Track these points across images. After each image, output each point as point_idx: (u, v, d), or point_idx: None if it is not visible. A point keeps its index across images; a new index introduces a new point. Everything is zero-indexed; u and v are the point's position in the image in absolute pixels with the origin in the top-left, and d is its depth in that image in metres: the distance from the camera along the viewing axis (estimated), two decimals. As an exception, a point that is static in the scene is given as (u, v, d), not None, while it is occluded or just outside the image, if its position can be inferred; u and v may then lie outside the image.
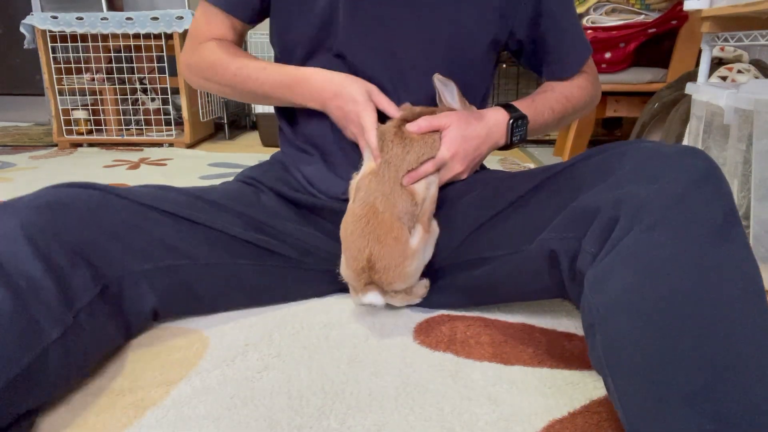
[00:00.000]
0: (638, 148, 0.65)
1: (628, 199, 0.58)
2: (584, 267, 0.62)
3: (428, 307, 0.89)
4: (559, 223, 0.68)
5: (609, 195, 0.61)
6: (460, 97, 0.85)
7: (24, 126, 3.14)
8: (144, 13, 2.36)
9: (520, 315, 0.87)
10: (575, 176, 0.71)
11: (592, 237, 0.62)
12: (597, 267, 0.58)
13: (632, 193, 0.58)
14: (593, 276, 0.58)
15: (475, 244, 0.80)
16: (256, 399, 0.66)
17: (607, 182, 0.63)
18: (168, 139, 2.58)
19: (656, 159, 0.61)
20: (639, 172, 0.61)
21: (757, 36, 1.17)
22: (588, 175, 0.68)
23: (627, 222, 0.57)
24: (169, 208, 0.79)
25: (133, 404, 0.65)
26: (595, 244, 0.61)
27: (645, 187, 0.58)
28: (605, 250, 0.58)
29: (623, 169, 0.63)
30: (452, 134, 0.82)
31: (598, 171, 0.67)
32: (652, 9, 1.73)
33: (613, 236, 0.58)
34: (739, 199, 1.08)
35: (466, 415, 0.63)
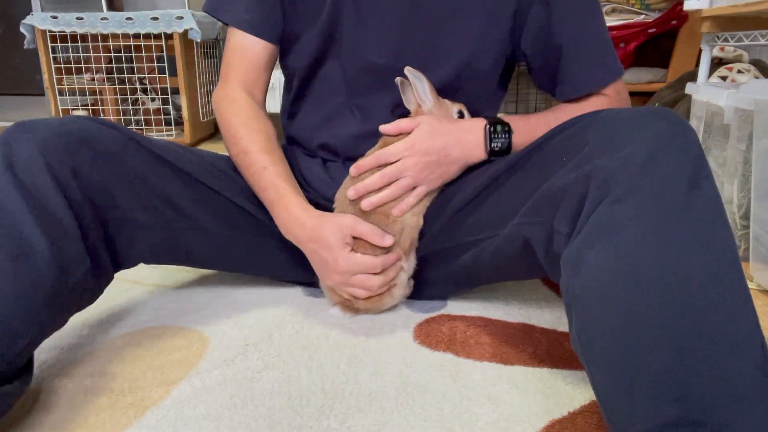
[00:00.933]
0: (600, 119, 0.64)
1: (594, 172, 0.58)
2: (560, 248, 0.61)
3: (419, 299, 0.90)
4: (529, 207, 0.67)
5: (575, 173, 0.60)
6: (433, 92, 0.83)
7: (24, 126, 3.13)
8: (144, 13, 2.36)
9: (520, 315, 0.87)
10: (544, 155, 0.70)
11: (563, 217, 0.61)
12: (571, 247, 0.58)
13: (598, 167, 0.58)
14: (568, 257, 0.58)
15: (456, 230, 0.80)
16: (256, 399, 0.66)
17: (573, 160, 0.62)
18: (168, 139, 2.58)
19: (618, 127, 0.60)
20: (603, 143, 0.60)
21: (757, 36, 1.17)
22: (556, 152, 0.67)
23: (595, 196, 0.56)
24: (184, 167, 0.80)
25: (133, 404, 0.65)
26: (568, 224, 0.60)
27: (610, 159, 0.57)
28: (578, 229, 0.58)
29: (588, 144, 0.62)
30: (419, 128, 0.80)
31: (564, 148, 0.66)
32: (652, 9, 1.73)
33: (584, 212, 0.57)
34: (739, 199, 1.08)
35: (466, 415, 0.63)
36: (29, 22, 2.39)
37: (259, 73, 0.91)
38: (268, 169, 0.82)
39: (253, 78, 0.91)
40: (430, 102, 0.84)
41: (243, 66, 0.90)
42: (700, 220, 0.52)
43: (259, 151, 0.84)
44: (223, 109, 0.89)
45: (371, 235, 0.78)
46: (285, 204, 0.80)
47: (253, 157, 0.83)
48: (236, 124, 0.87)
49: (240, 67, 0.90)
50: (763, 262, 0.98)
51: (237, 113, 0.88)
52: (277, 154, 0.85)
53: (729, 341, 0.46)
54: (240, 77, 0.90)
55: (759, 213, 0.98)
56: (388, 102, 0.89)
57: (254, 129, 0.86)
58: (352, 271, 0.78)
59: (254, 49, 0.89)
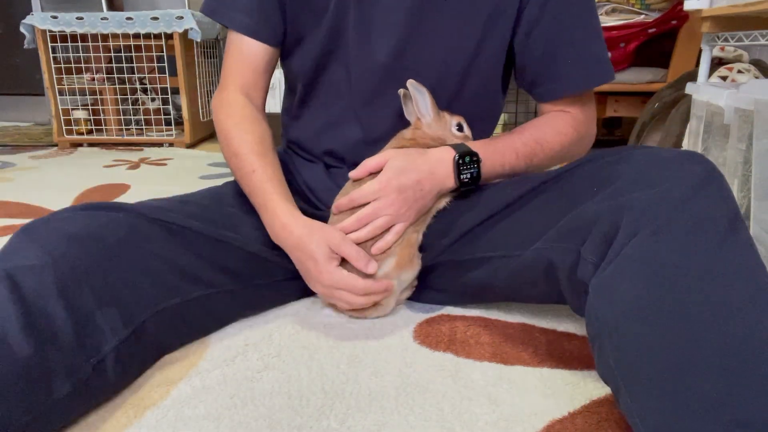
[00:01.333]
0: (635, 155, 0.64)
1: (629, 205, 0.57)
2: (585, 276, 0.61)
3: (420, 302, 0.90)
4: (556, 232, 0.67)
5: (608, 203, 0.60)
6: (433, 106, 0.84)
7: (24, 126, 3.13)
8: (144, 13, 2.36)
9: (520, 315, 0.87)
10: (571, 182, 0.70)
11: (592, 245, 0.61)
12: (602, 275, 0.57)
13: (633, 199, 0.58)
14: (599, 284, 0.57)
15: (470, 245, 0.80)
16: (256, 399, 0.66)
17: (605, 190, 0.62)
18: (168, 139, 2.58)
19: (655, 165, 0.61)
20: (638, 178, 0.60)
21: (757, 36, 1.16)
22: (584, 181, 0.68)
23: (630, 228, 0.56)
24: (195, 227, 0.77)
25: (133, 404, 0.65)
26: (596, 253, 0.60)
27: (646, 193, 0.57)
28: (608, 258, 0.58)
29: (621, 177, 0.62)
30: (389, 165, 0.79)
31: (593, 178, 0.66)
32: (652, 9, 1.73)
33: (616, 243, 0.57)
34: (739, 199, 1.08)
35: (466, 415, 0.63)
36: (29, 22, 2.39)
37: (257, 76, 0.90)
38: (256, 173, 0.81)
39: (251, 81, 0.90)
40: (430, 116, 0.84)
41: (241, 69, 0.89)
42: (740, 258, 0.52)
43: (250, 153, 0.83)
44: (218, 112, 0.89)
45: (356, 259, 0.77)
46: (272, 209, 0.79)
47: (243, 160, 0.83)
48: (228, 125, 0.86)
49: (238, 71, 0.89)
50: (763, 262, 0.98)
51: (230, 115, 0.87)
52: (268, 156, 0.84)
53: None
54: (238, 80, 0.89)
55: (759, 213, 0.98)
56: (394, 107, 0.88)
57: (246, 130, 0.85)
58: (335, 286, 0.77)
59: (253, 52, 0.88)
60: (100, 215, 0.71)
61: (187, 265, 0.75)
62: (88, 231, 0.68)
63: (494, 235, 0.77)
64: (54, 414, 0.57)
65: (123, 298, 0.66)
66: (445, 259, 0.83)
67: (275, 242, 0.81)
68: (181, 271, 0.74)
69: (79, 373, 0.59)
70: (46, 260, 0.62)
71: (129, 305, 0.67)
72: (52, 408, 0.56)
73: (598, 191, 0.63)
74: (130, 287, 0.68)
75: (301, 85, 0.92)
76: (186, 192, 0.92)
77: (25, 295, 0.58)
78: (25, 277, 0.59)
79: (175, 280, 0.73)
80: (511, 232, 0.75)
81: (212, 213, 0.82)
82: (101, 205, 0.73)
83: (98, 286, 0.64)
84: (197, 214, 0.80)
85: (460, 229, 0.81)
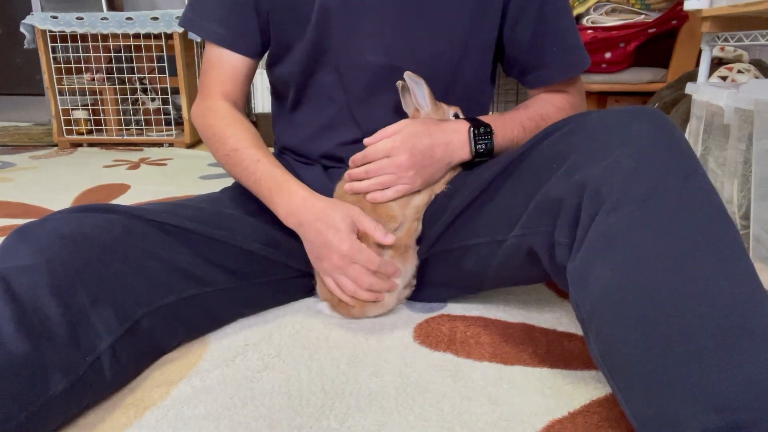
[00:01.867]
0: (584, 123, 0.65)
1: (584, 182, 0.58)
2: (563, 259, 0.62)
3: (422, 301, 0.90)
4: (530, 217, 0.68)
5: (567, 182, 0.61)
6: (431, 97, 0.84)
7: (24, 126, 3.13)
8: (144, 13, 2.36)
9: (520, 315, 0.87)
10: (533, 161, 0.71)
11: (562, 228, 0.62)
12: (575, 262, 0.58)
13: (587, 176, 0.58)
14: (573, 272, 0.58)
15: (456, 234, 0.81)
16: (256, 399, 0.66)
17: (562, 167, 0.63)
18: (168, 139, 2.58)
19: (603, 131, 0.61)
20: (589, 150, 0.61)
21: (757, 36, 1.16)
22: (544, 158, 0.68)
23: (589, 208, 0.57)
24: (188, 226, 0.77)
25: (133, 404, 0.65)
26: (568, 235, 0.61)
27: (598, 167, 0.58)
28: (578, 240, 0.58)
29: (575, 150, 0.63)
30: (404, 131, 0.80)
31: (552, 153, 0.67)
32: (652, 9, 1.73)
33: (580, 225, 0.58)
34: (739, 199, 1.08)
35: (466, 415, 0.63)
36: (29, 22, 2.39)
37: (237, 85, 0.91)
38: (262, 161, 0.82)
39: (232, 89, 0.91)
40: (428, 107, 0.85)
41: (221, 78, 0.90)
42: (698, 216, 0.51)
43: (251, 147, 0.84)
44: (204, 117, 0.89)
45: (374, 229, 0.78)
46: (287, 188, 0.81)
47: (244, 153, 0.84)
48: (221, 126, 0.87)
49: (218, 80, 0.90)
50: (763, 262, 0.98)
51: (221, 117, 0.88)
52: (267, 150, 0.86)
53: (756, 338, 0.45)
54: (219, 89, 0.90)
55: (759, 213, 0.98)
56: (390, 104, 0.89)
57: (241, 129, 0.87)
58: (353, 257, 0.77)
59: (231, 62, 0.90)
60: (94, 216, 0.71)
61: (182, 263, 0.75)
62: (82, 231, 0.68)
63: (476, 222, 0.78)
64: (51, 411, 0.57)
65: (117, 297, 0.66)
66: (437, 250, 0.84)
67: (287, 222, 0.81)
68: (176, 269, 0.74)
69: (75, 370, 0.59)
70: (40, 260, 0.62)
71: (124, 303, 0.67)
72: (48, 405, 0.56)
73: (558, 167, 0.64)
74: (125, 285, 0.68)
75: (291, 92, 0.92)
76: (185, 192, 0.92)
77: (19, 294, 0.58)
78: (18, 277, 0.59)
79: (170, 278, 0.73)
80: (490, 218, 0.76)
81: (209, 215, 0.82)
82: (96, 206, 0.73)
83: (92, 284, 0.64)
84: (194, 216, 0.80)
85: (444, 217, 0.82)
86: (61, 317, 0.59)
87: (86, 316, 0.62)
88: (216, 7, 0.88)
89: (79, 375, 0.59)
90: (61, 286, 0.61)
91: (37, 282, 0.60)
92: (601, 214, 0.55)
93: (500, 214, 0.74)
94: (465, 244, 0.80)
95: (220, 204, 0.88)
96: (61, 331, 0.59)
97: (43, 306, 0.59)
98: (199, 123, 0.91)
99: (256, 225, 0.85)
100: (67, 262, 0.63)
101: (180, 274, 0.74)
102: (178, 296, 0.74)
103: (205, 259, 0.77)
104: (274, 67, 0.93)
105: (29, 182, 1.84)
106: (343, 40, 0.85)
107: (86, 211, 0.72)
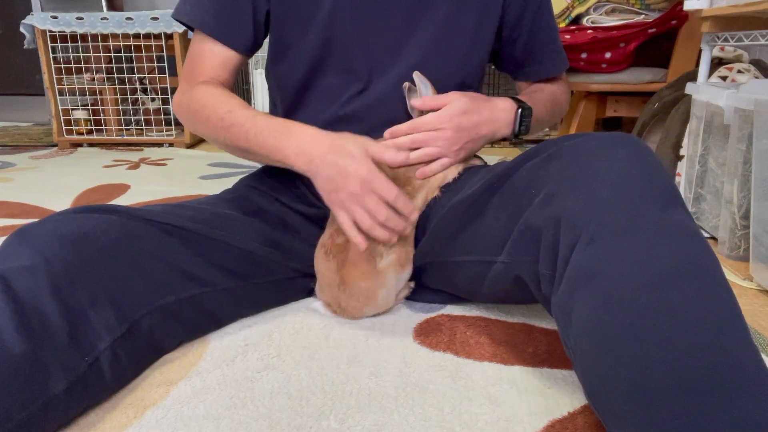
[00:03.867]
0: (562, 150, 0.65)
1: (559, 215, 0.58)
2: (547, 291, 0.61)
3: (423, 302, 0.91)
4: (514, 244, 0.67)
5: (545, 212, 0.60)
6: None
7: (24, 126, 3.13)
8: (144, 13, 2.36)
9: (520, 315, 0.87)
10: (516, 183, 0.70)
11: (544, 259, 0.61)
12: (557, 296, 0.57)
13: (565, 208, 0.57)
14: (556, 308, 0.57)
15: (446, 248, 0.81)
16: (256, 399, 0.66)
17: (540, 195, 0.63)
18: (168, 139, 2.58)
19: (579, 160, 0.61)
20: (564, 179, 0.60)
21: (757, 36, 1.16)
22: (524, 183, 0.68)
23: (567, 240, 0.56)
24: (190, 227, 0.77)
25: (133, 404, 0.65)
26: (549, 267, 0.60)
27: (575, 197, 0.57)
28: (558, 273, 0.57)
29: (552, 178, 0.62)
30: (454, 104, 0.82)
31: (531, 178, 0.67)
32: (652, 9, 1.73)
33: (560, 258, 0.57)
34: (739, 199, 1.08)
35: (466, 415, 0.63)
36: (29, 22, 2.39)
37: (225, 77, 0.90)
38: (259, 116, 0.81)
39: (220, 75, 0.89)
40: None
41: (209, 71, 0.88)
42: (677, 247, 0.50)
43: (245, 108, 0.83)
44: (188, 100, 0.87)
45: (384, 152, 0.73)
46: (294, 130, 0.78)
47: (240, 112, 0.81)
48: (208, 96, 0.85)
49: (205, 72, 0.88)
50: (763, 262, 0.98)
51: (206, 92, 0.86)
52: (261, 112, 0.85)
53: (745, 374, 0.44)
54: (206, 77, 0.88)
55: (759, 213, 0.98)
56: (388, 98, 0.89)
57: (232, 97, 0.85)
58: (372, 182, 0.72)
59: (222, 55, 0.88)
60: (93, 217, 0.71)
61: (181, 264, 0.75)
62: (82, 232, 0.68)
63: (465, 238, 0.77)
64: (51, 411, 0.57)
65: (117, 297, 0.66)
66: (431, 260, 0.84)
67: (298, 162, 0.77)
68: (175, 269, 0.74)
69: (75, 370, 0.59)
70: (39, 261, 0.62)
71: (123, 303, 0.67)
72: (48, 405, 0.56)
73: (536, 194, 0.64)
74: (124, 286, 0.68)
75: (291, 91, 0.92)
76: (185, 192, 0.92)
77: (19, 294, 0.58)
78: (17, 277, 0.59)
79: (170, 278, 0.73)
80: (478, 236, 0.75)
81: (209, 215, 0.82)
82: (95, 207, 0.73)
83: (92, 284, 0.64)
84: (193, 217, 0.80)
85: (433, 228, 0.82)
86: (61, 317, 0.59)
87: (86, 316, 0.62)
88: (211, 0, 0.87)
89: (78, 375, 0.59)
90: (60, 286, 0.61)
91: (36, 282, 0.60)
92: (579, 247, 0.54)
93: (487, 233, 0.73)
94: (457, 260, 0.79)
95: (220, 205, 0.88)
96: (60, 331, 0.59)
97: (43, 306, 0.59)
98: (185, 100, 0.88)
99: (255, 225, 0.85)
100: (66, 262, 0.63)
101: (179, 274, 0.74)
102: (178, 296, 0.73)
103: (204, 260, 0.77)
104: (276, 67, 0.92)
105: (29, 182, 1.84)
106: (349, 42, 0.85)
107: (86, 212, 0.72)
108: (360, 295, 0.82)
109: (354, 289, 0.81)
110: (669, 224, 0.52)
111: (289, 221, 0.91)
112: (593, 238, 0.53)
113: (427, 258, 0.84)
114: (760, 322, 0.87)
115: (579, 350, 0.53)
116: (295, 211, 0.93)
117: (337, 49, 0.86)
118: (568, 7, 1.78)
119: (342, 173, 0.73)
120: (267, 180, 0.96)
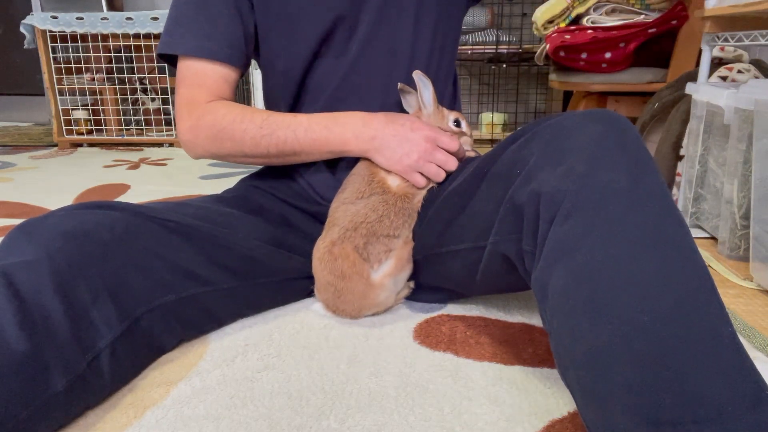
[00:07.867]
0: (543, 128, 0.65)
1: (539, 190, 0.58)
2: (531, 267, 0.62)
3: (415, 301, 0.91)
4: (500, 223, 0.68)
5: (527, 188, 0.61)
6: (435, 100, 0.86)
7: (24, 126, 3.13)
8: (144, 13, 2.36)
9: (520, 315, 0.87)
10: (502, 164, 0.71)
11: (527, 236, 0.61)
12: (536, 271, 0.58)
13: (543, 182, 0.58)
14: (535, 283, 0.57)
15: (440, 238, 0.81)
16: (256, 399, 0.66)
17: (524, 172, 0.63)
18: (168, 139, 2.58)
19: (559, 136, 0.61)
20: (545, 155, 0.61)
21: (757, 36, 1.16)
22: (509, 164, 0.68)
23: (546, 215, 0.57)
24: (192, 224, 0.77)
25: (133, 404, 0.65)
26: (531, 243, 0.61)
27: (553, 173, 0.58)
28: (538, 248, 0.58)
29: (534, 155, 0.63)
30: None
31: (515, 159, 0.67)
32: (652, 9, 1.73)
33: (540, 232, 0.58)
34: (739, 199, 1.08)
35: (466, 415, 0.63)
36: (29, 22, 2.39)
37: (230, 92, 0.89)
38: (298, 115, 0.85)
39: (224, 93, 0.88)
40: (431, 108, 0.86)
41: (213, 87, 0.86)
42: (646, 219, 0.51)
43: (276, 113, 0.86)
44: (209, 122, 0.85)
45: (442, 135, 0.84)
46: (342, 117, 0.83)
47: (277, 117, 0.85)
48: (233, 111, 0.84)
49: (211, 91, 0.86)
50: (763, 262, 0.98)
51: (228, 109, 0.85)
52: None
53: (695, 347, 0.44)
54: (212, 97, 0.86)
55: (759, 213, 0.98)
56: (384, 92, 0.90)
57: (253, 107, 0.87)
58: (437, 138, 0.82)
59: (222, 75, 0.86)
60: (96, 213, 0.71)
61: (183, 262, 0.75)
62: (84, 228, 0.68)
63: (459, 226, 0.78)
64: (51, 410, 0.57)
65: (118, 294, 0.66)
66: (427, 252, 0.84)
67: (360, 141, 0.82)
68: (177, 268, 0.74)
69: (75, 368, 0.59)
70: (42, 256, 0.62)
71: (124, 301, 0.67)
72: (49, 403, 0.56)
73: (520, 172, 0.64)
74: (126, 283, 0.68)
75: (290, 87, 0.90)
76: (185, 192, 0.92)
77: (21, 291, 0.58)
78: (20, 273, 0.59)
79: (171, 276, 0.73)
80: (470, 222, 0.75)
81: (211, 213, 0.82)
82: (98, 204, 0.73)
83: (94, 281, 0.64)
84: (196, 214, 0.80)
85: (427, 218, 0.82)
86: (63, 314, 0.59)
87: (87, 314, 0.62)
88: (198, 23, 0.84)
89: (78, 373, 0.59)
90: (63, 282, 0.61)
91: (39, 278, 0.60)
92: (557, 222, 0.55)
93: (479, 219, 0.73)
94: (452, 249, 0.79)
95: (221, 203, 0.88)
96: (62, 329, 0.59)
97: (45, 303, 0.59)
98: (204, 128, 0.85)
99: (257, 223, 0.85)
100: (69, 258, 0.63)
101: (181, 272, 0.74)
102: (179, 295, 0.73)
103: (206, 258, 0.77)
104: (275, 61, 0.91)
105: (29, 182, 1.84)
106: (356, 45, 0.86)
107: (88, 208, 0.72)
108: (357, 297, 0.82)
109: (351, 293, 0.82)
110: (640, 196, 0.52)
111: (290, 219, 0.91)
112: (570, 213, 0.54)
113: (423, 251, 0.84)
114: (760, 322, 0.87)
115: (552, 322, 0.54)
116: (296, 209, 0.93)
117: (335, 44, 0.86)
118: (568, 7, 1.78)
119: (408, 138, 0.81)
120: (268, 178, 0.96)
